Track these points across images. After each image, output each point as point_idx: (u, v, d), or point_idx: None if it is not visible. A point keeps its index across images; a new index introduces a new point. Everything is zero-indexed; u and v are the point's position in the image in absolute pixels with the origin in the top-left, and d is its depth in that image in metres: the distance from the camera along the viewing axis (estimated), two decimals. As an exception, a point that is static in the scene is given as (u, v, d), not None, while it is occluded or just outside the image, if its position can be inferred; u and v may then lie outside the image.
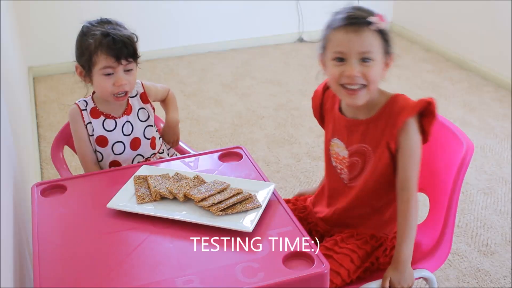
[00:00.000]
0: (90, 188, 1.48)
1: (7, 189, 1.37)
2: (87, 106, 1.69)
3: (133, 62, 1.62)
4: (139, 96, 1.73)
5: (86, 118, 1.67)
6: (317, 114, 1.61)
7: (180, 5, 4.22)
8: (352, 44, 1.35)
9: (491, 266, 2.13)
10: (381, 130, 1.41)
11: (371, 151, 1.44)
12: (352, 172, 1.49)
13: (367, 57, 1.36)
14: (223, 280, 1.12)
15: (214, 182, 1.40)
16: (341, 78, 1.37)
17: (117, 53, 1.56)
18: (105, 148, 1.69)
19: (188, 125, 3.26)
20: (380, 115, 1.42)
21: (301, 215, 1.61)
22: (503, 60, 3.68)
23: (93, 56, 1.57)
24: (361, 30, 1.35)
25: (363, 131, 1.44)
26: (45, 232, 1.28)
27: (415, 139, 1.40)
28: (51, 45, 3.98)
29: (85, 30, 1.61)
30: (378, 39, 1.37)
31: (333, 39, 1.38)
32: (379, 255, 1.48)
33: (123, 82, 1.59)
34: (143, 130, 1.72)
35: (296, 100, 3.55)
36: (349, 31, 1.35)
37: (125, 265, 1.18)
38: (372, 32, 1.35)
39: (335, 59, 1.38)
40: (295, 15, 4.53)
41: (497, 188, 2.63)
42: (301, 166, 2.82)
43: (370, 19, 1.35)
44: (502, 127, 3.19)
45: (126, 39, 1.58)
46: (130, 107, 1.71)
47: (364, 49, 1.35)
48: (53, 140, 1.89)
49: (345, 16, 1.37)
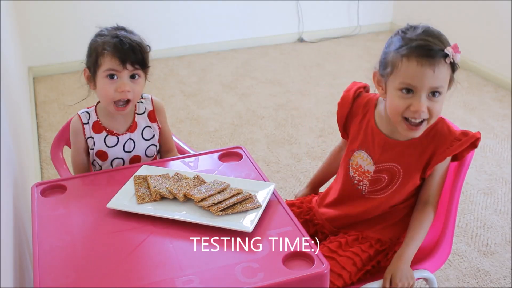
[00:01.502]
0: (90, 188, 1.48)
1: (7, 189, 1.37)
2: (90, 119, 1.63)
3: (140, 70, 1.55)
4: (147, 114, 1.65)
5: (87, 132, 1.62)
6: (341, 122, 1.54)
7: (180, 5, 4.22)
8: (426, 79, 1.27)
9: (491, 266, 2.13)
10: (419, 155, 1.40)
11: (402, 172, 1.43)
12: (374, 186, 1.47)
13: (437, 91, 1.29)
14: (223, 280, 1.12)
15: (214, 182, 1.40)
16: (406, 111, 1.31)
17: (123, 56, 1.50)
18: (104, 162, 1.64)
19: (188, 125, 3.25)
20: (421, 140, 1.39)
21: (306, 217, 1.60)
22: (503, 60, 3.68)
23: (99, 57, 1.53)
24: (437, 63, 1.26)
25: (399, 152, 1.42)
26: (45, 232, 1.28)
27: (448, 165, 1.42)
28: (51, 45, 3.99)
29: (98, 33, 1.58)
30: (450, 71, 1.31)
31: (403, 69, 1.29)
32: (380, 259, 1.48)
33: (126, 88, 1.52)
34: (145, 149, 1.66)
35: (296, 100, 3.55)
36: (424, 64, 1.26)
37: (125, 265, 1.18)
38: (446, 65, 1.28)
39: (402, 89, 1.31)
40: (295, 15, 4.53)
41: (497, 188, 2.63)
42: (301, 166, 2.82)
43: (447, 51, 1.27)
44: (502, 127, 3.19)
45: (135, 44, 1.52)
46: (135, 124, 1.64)
47: (437, 84, 1.28)
48: (53, 140, 1.88)
49: (420, 45, 1.27)
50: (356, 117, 1.50)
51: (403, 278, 1.37)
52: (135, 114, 1.64)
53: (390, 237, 1.50)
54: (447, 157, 1.38)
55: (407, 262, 1.39)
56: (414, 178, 1.43)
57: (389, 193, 1.46)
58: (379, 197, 1.47)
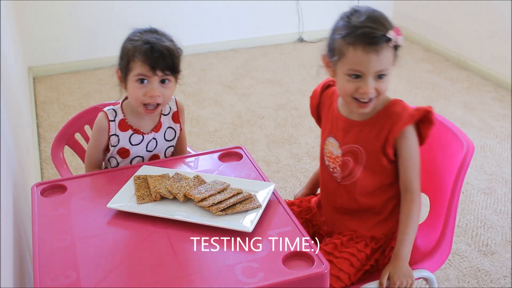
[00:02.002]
0: (90, 188, 1.48)
1: (7, 189, 1.37)
2: (116, 116, 1.62)
3: (171, 75, 1.56)
4: (171, 115, 1.67)
5: (112, 129, 1.61)
6: (314, 113, 1.62)
7: (180, 5, 4.22)
8: (372, 64, 1.34)
9: (491, 266, 2.13)
10: (376, 134, 1.43)
11: (364, 153, 1.45)
12: (344, 171, 1.50)
13: (383, 74, 1.36)
14: (223, 280, 1.12)
15: (214, 182, 1.40)
16: (355, 93, 1.37)
17: (153, 62, 1.50)
18: (124, 159, 1.64)
19: (188, 125, 3.25)
20: (377, 119, 1.43)
21: (307, 217, 1.61)
22: (503, 60, 3.68)
23: (130, 61, 1.52)
24: (380, 49, 1.33)
25: (357, 132, 1.45)
26: (45, 232, 1.28)
27: (413, 144, 1.42)
28: (51, 45, 3.98)
29: (130, 35, 1.57)
30: (393, 52, 1.37)
31: (350, 56, 1.35)
32: (378, 257, 1.48)
33: (156, 93, 1.52)
34: (165, 149, 1.67)
35: (296, 100, 3.55)
36: (369, 52, 1.33)
37: (124, 265, 1.18)
38: (390, 48, 1.35)
39: (350, 75, 1.37)
40: (295, 15, 4.53)
41: (497, 188, 2.63)
42: (301, 166, 2.82)
43: (389, 35, 1.33)
44: (502, 127, 3.19)
45: (165, 50, 1.53)
46: (160, 124, 1.65)
47: (382, 67, 1.35)
48: (53, 140, 1.88)
49: (364, 33, 1.33)
50: (325, 107, 1.57)
51: (402, 276, 1.38)
52: (161, 115, 1.66)
53: (384, 233, 1.50)
54: (402, 130, 1.39)
55: (404, 260, 1.39)
56: (378, 158, 1.44)
57: (358, 177, 1.47)
58: (350, 183, 1.49)
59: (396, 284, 1.37)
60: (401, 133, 1.39)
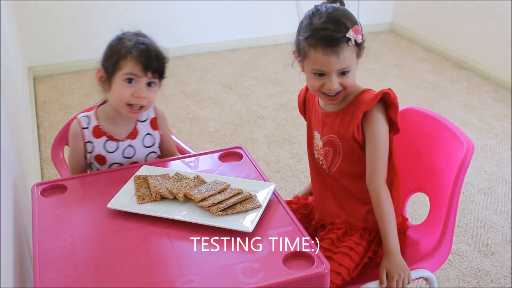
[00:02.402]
0: (90, 188, 1.48)
1: (7, 189, 1.37)
2: (90, 123, 1.61)
3: (157, 79, 1.56)
4: (149, 121, 1.65)
5: (86, 136, 1.60)
6: (302, 111, 1.68)
7: (180, 5, 4.22)
8: (333, 64, 1.38)
9: (491, 266, 2.13)
10: (347, 122, 1.46)
11: (339, 142, 1.48)
12: (327, 161, 1.54)
13: (346, 70, 1.40)
14: (223, 280, 1.12)
15: (214, 182, 1.39)
16: (321, 88, 1.43)
17: (147, 62, 1.51)
18: (102, 166, 1.64)
19: (188, 125, 3.26)
20: (348, 108, 1.47)
21: (304, 212, 1.64)
22: (503, 60, 3.68)
23: (121, 60, 1.52)
24: (340, 50, 1.37)
25: (332, 123, 1.49)
26: (45, 232, 1.28)
27: (378, 129, 1.43)
28: (51, 45, 3.98)
29: (120, 36, 1.57)
30: (355, 49, 1.40)
31: (312, 57, 1.40)
32: (375, 248, 1.49)
33: (143, 94, 1.52)
34: (145, 156, 1.65)
35: (296, 100, 3.53)
36: (329, 54, 1.37)
37: (125, 265, 1.18)
38: (350, 47, 1.38)
39: (315, 73, 1.42)
40: (295, 15, 4.52)
41: (497, 188, 2.63)
42: (301, 166, 2.82)
43: (348, 35, 1.36)
44: (502, 127, 3.19)
45: (160, 52, 1.55)
46: (136, 131, 1.63)
47: (343, 66, 1.39)
48: (53, 140, 1.88)
49: (323, 36, 1.37)
50: (309, 103, 1.62)
51: (399, 270, 1.39)
52: (137, 122, 1.64)
53: (375, 222, 1.48)
54: (365, 113, 1.41)
55: (395, 252, 1.40)
56: (352, 146, 1.47)
57: (338, 166, 1.51)
58: (334, 173, 1.53)
59: (394, 278, 1.38)
60: (365, 117, 1.42)
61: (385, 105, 1.43)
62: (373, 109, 1.41)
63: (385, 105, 1.43)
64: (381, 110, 1.43)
